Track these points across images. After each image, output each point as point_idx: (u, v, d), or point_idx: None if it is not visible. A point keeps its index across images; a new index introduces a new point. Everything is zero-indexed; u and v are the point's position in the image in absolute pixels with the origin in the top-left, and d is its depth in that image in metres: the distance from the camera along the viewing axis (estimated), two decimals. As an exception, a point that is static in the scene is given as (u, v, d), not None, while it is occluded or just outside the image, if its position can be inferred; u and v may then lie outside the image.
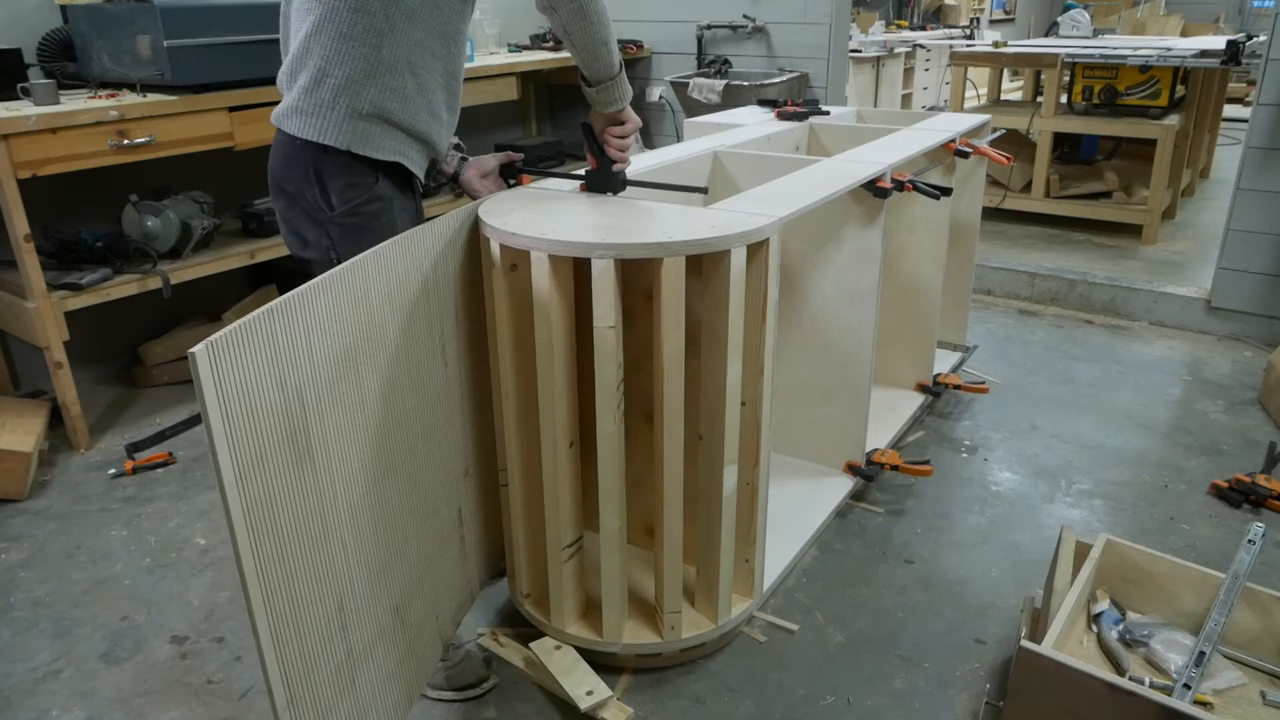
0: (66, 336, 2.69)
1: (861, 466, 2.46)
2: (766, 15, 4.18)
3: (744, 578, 1.95)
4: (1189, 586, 1.86)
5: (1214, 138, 5.97)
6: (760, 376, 1.77)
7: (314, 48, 1.66)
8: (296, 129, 1.69)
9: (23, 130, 2.45)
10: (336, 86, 1.66)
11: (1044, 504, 2.47)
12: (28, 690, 1.87)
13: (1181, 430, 2.85)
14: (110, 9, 2.80)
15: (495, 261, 1.66)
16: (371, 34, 1.64)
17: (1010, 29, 9.90)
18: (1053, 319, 3.79)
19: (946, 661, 1.91)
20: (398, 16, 1.65)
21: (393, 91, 1.68)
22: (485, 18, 4.34)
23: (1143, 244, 4.53)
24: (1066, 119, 4.69)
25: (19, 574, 2.24)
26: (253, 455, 1.17)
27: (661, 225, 1.63)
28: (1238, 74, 7.06)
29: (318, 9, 1.65)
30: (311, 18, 1.66)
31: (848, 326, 2.35)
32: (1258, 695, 1.74)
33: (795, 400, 2.49)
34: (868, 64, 6.48)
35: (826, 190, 1.96)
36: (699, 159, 2.40)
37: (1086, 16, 5.69)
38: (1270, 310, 3.46)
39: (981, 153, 2.66)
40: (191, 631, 2.03)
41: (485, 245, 1.69)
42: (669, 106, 4.52)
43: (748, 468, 1.84)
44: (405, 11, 1.65)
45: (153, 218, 2.92)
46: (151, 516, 2.47)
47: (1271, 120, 3.31)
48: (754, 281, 1.69)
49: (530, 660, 1.87)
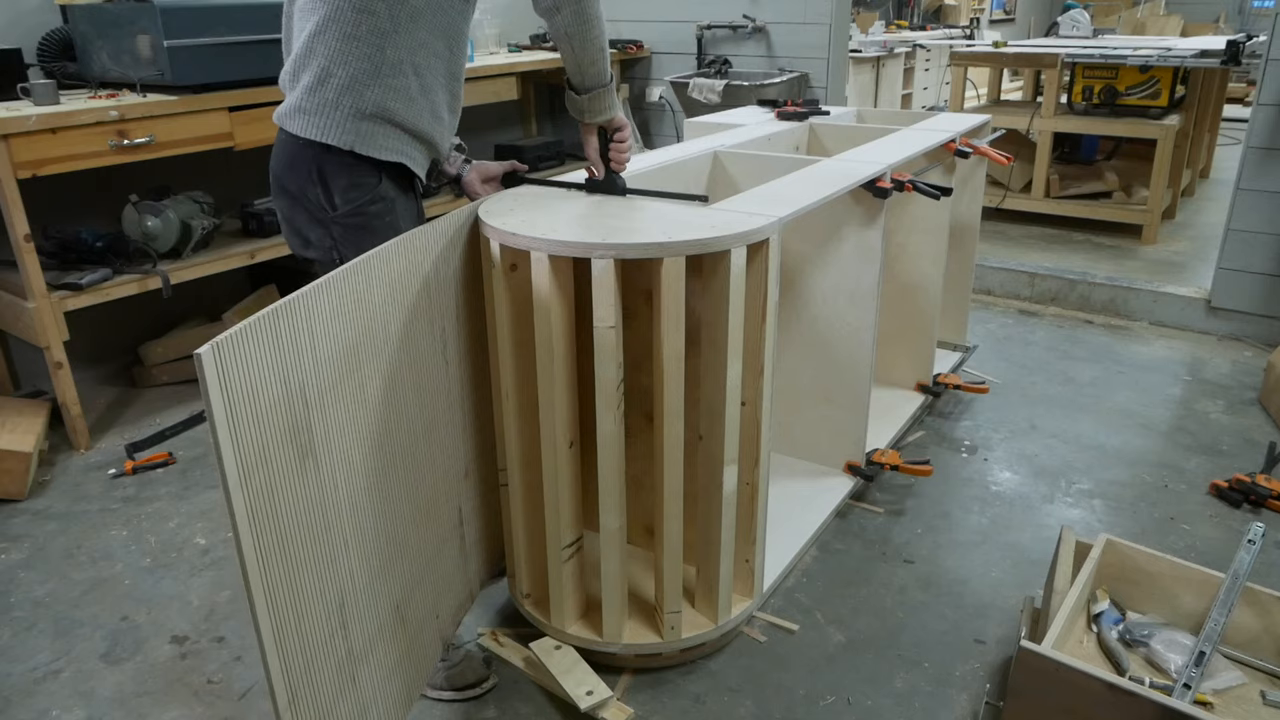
0: (66, 336, 2.69)
1: (861, 467, 2.46)
2: (766, 15, 4.18)
3: (744, 578, 1.95)
4: (1189, 586, 1.86)
5: (1214, 138, 5.97)
6: (760, 377, 1.77)
7: (318, 47, 1.66)
8: (300, 128, 1.68)
9: (23, 130, 2.45)
10: (340, 86, 1.65)
11: (1044, 504, 2.47)
12: (28, 690, 1.87)
13: (1181, 430, 2.85)
14: (110, 9, 2.80)
15: (495, 261, 1.66)
16: (376, 34, 1.64)
17: (1010, 29, 9.91)
18: (1053, 319, 3.79)
19: (946, 661, 1.91)
20: (402, 17, 1.65)
21: (396, 92, 1.68)
22: (485, 18, 4.34)
23: (1143, 244, 4.53)
24: (1066, 119, 4.69)
25: (19, 574, 2.24)
26: (256, 453, 1.17)
27: (662, 225, 1.63)
28: (1238, 74, 7.06)
29: (321, 9, 1.64)
30: (315, 18, 1.65)
31: (848, 326, 2.35)
32: (1258, 695, 1.74)
33: (795, 400, 2.49)
34: (868, 64, 6.49)
35: (827, 190, 1.96)
36: (699, 159, 2.40)
37: (1086, 16, 5.69)
38: (1270, 310, 3.46)
39: (981, 152, 2.67)
40: (191, 631, 2.03)
41: (485, 245, 1.69)
42: (669, 106, 4.52)
43: (748, 468, 1.84)
44: (410, 12, 1.65)
45: (153, 218, 2.92)
46: (151, 516, 2.47)
47: (1271, 120, 3.31)
48: (754, 282, 1.69)
49: (530, 660, 1.87)
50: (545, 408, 1.67)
